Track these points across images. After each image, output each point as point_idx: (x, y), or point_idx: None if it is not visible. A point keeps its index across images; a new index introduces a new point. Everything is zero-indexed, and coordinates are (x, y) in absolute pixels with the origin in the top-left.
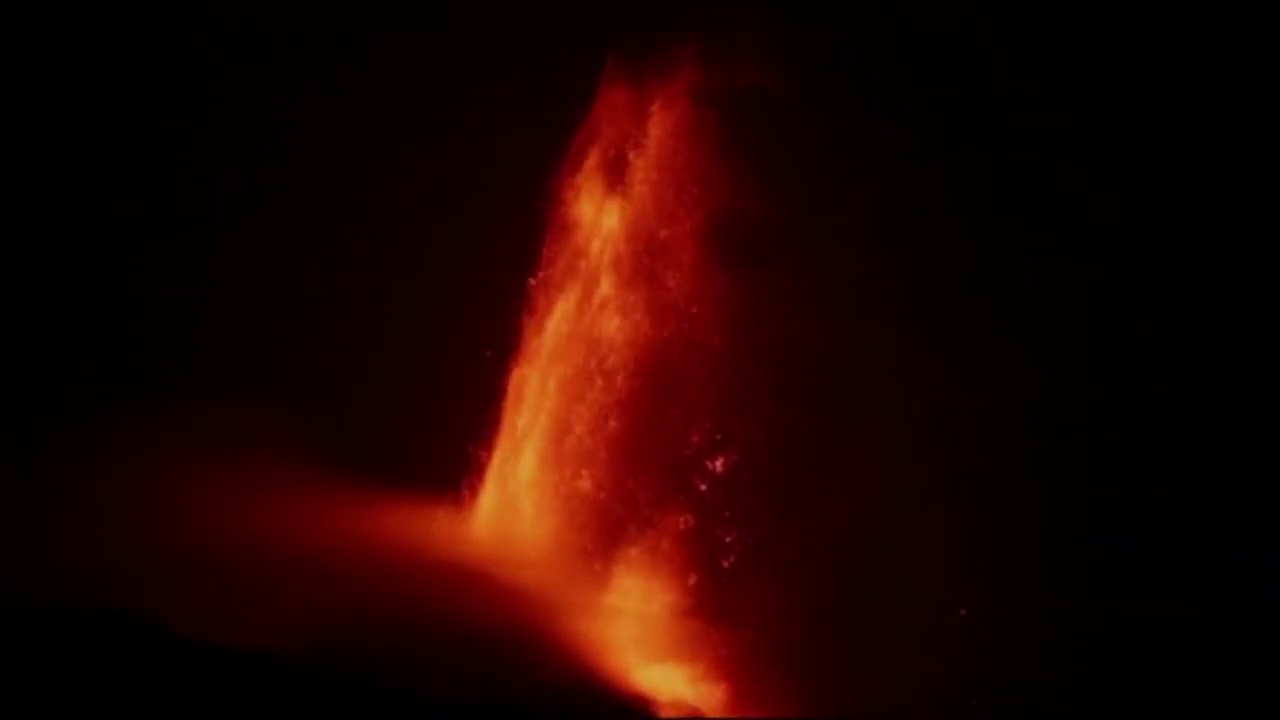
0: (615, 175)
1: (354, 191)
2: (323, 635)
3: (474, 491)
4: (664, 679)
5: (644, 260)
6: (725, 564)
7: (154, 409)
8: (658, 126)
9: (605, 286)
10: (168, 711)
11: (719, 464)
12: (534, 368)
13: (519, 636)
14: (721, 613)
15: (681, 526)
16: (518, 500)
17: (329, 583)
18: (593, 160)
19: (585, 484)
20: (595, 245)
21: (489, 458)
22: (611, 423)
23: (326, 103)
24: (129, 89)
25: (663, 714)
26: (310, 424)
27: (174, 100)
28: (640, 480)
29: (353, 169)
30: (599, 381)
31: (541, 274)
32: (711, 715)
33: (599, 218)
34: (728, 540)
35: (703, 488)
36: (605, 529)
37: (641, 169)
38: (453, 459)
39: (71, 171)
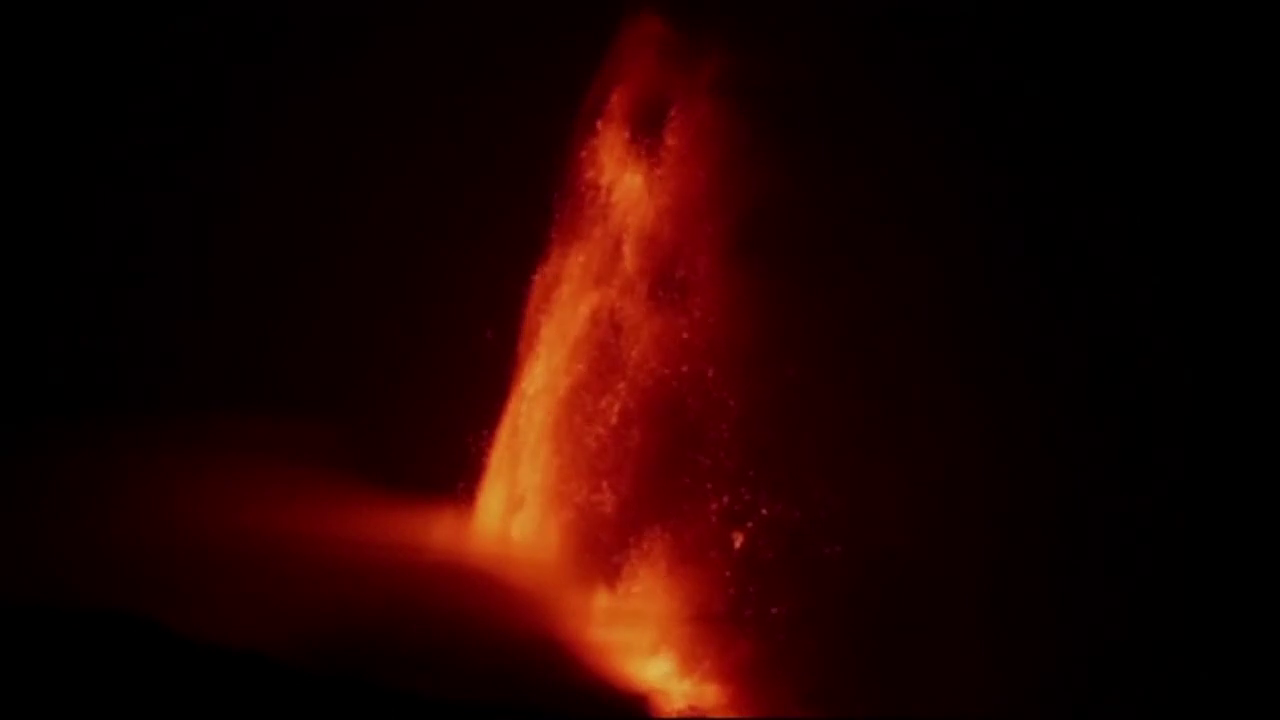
0: (639, 129)
1: (353, 188)
2: (323, 635)
3: (477, 491)
4: (665, 679)
5: (660, 291)
6: (739, 575)
7: (154, 412)
8: (675, 135)
9: (628, 264)
10: (168, 711)
11: (738, 540)
12: (542, 358)
13: (520, 637)
14: (729, 617)
15: (694, 548)
16: (522, 499)
17: (330, 583)
18: (614, 107)
19: (600, 495)
20: (615, 216)
21: (493, 457)
22: (634, 433)
23: (327, 95)
24: (134, 92)
25: (663, 714)
26: (311, 426)
27: (181, 101)
28: (657, 527)
29: (351, 161)
30: (620, 384)
31: (553, 254)
32: (712, 715)
33: (619, 182)
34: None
35: (720, 565)
36: (613, 532)
37: (659, 179)
38: (456, 459)
39: (71, 173)
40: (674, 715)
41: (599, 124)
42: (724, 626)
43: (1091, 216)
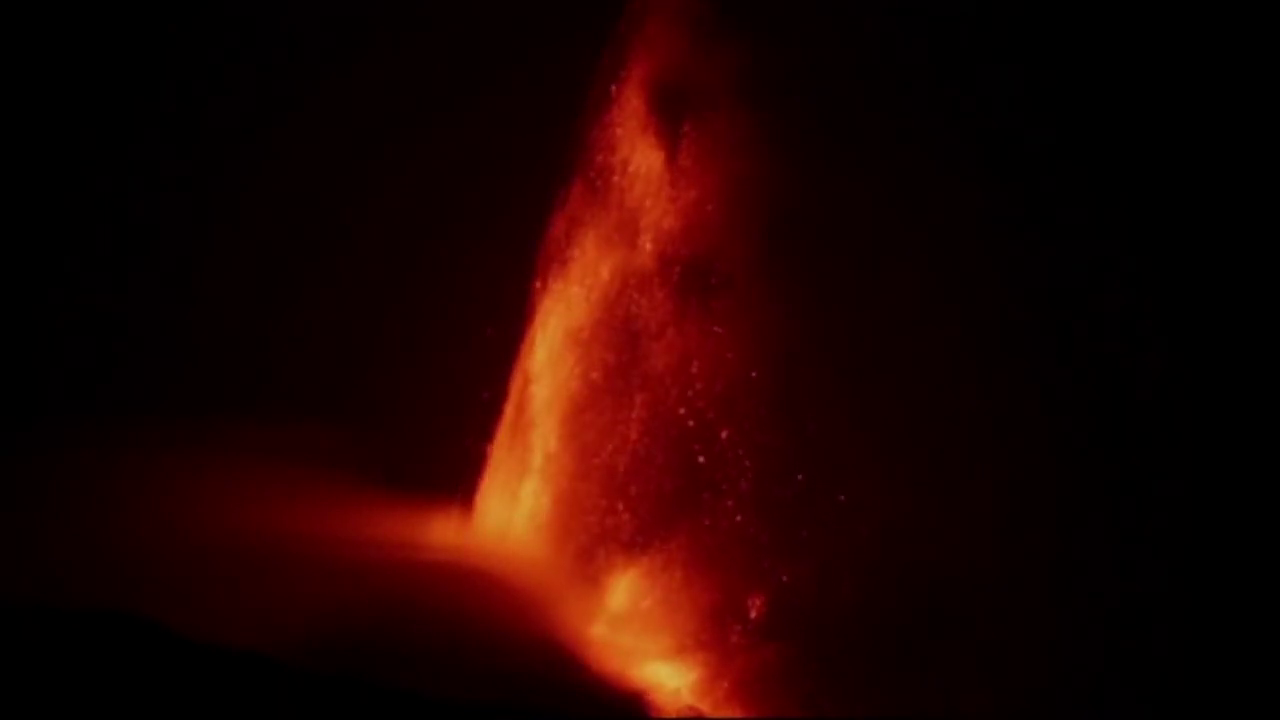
0: (658, 104)
1: (353, 188)
2: (323, 635)
3: (477, 491)
4: (665, 678)
5: (681, 301)
6: (741, 579)
7: (154, 413)
8: (689, 157)
9: (645, 256)
10: (168, 711)
11: (756, 606)
12: (550, 354)
13: (521, 637)
14: (730, 616)
15: (697, 545)
16: (522, 499)
17: (330, 583)
18: (632, 78)
19: (614, 515)
20: (631, 199)
21: (495, 457)
22: (648, 456)
23: (328, 94)
24: (137, 93)
25: (663, 714)
26: (311, 427)
27: (184, 102)
28: (669, 543)
29: (352, 162)
30: (637, 396)
31: (562, 241)
32: (711, 715)
33: (637, 161)
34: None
35: (736, 631)
36: (614, 533)
37: (676, 195)
38: (457, 458)
39: (70, 173)
40: (674, 715)
41: (614, 88)
42: (732, 633)
43: (1118, 227)
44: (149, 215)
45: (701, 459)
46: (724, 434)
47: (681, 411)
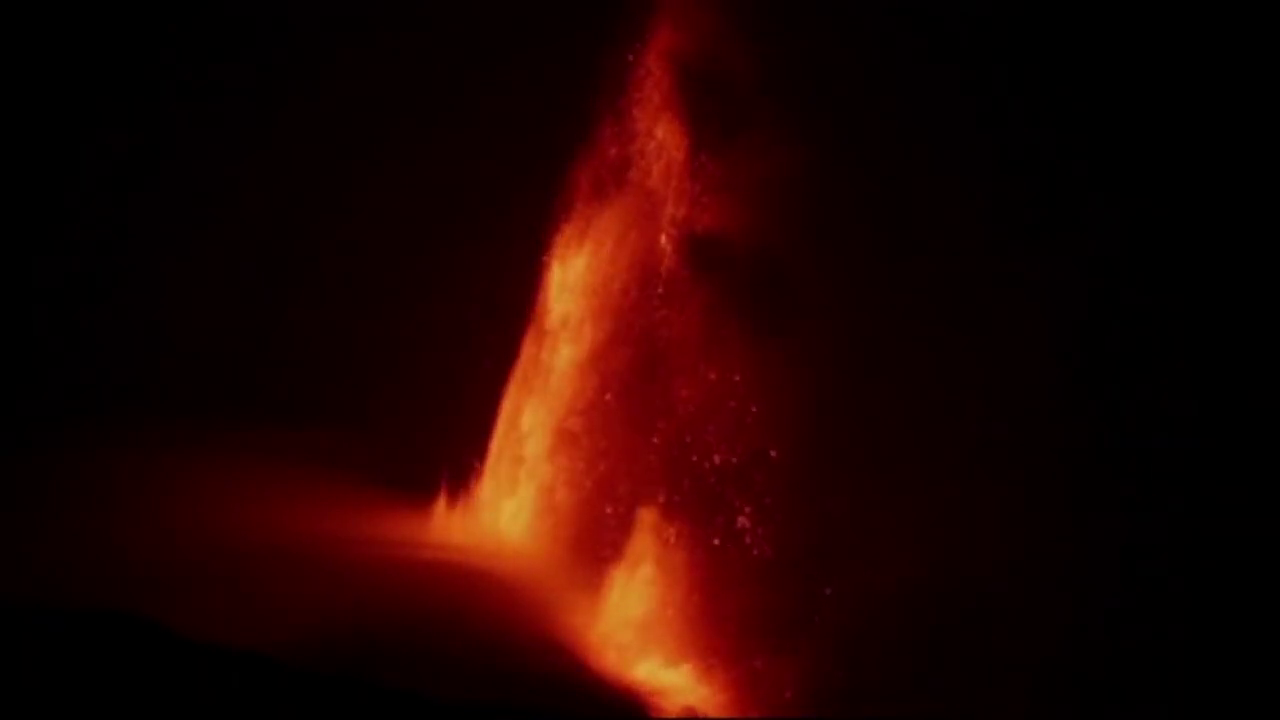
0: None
1: (353, 185)
2: (323, 635)
3: (475, 491)
4: (664, 678)
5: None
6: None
7: (154, 413)
8: (714, 150)
9: (670, 264)
10: (168, 711)
11: (766, 615)
12: (548, 353)
13: (518, 636)
14: (739, 624)
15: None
16: (520, 498)
17: (328, 583)
18: (651, 63)
19: (617, 524)
20: (654, 177)
21: (495, 457)
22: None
23: (326, 90)
24: (142, 94)
25: (662, 714)
26: (311, 427)
27: (183, 101)
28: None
29: (352, 163)
30: (658, 421)
31: (570, 235)
32: (711, 715)
33: (654, 140)
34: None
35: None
36: (611, 531)
37: (700, 205)
38: (457, 458)
39: (69, 173)
40: (673, 716)
41: (630, 58)
42: (742, 640)
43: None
44: (148, 216)
45: (716, 541)
46: (741, 517)
47: (700, 473)
